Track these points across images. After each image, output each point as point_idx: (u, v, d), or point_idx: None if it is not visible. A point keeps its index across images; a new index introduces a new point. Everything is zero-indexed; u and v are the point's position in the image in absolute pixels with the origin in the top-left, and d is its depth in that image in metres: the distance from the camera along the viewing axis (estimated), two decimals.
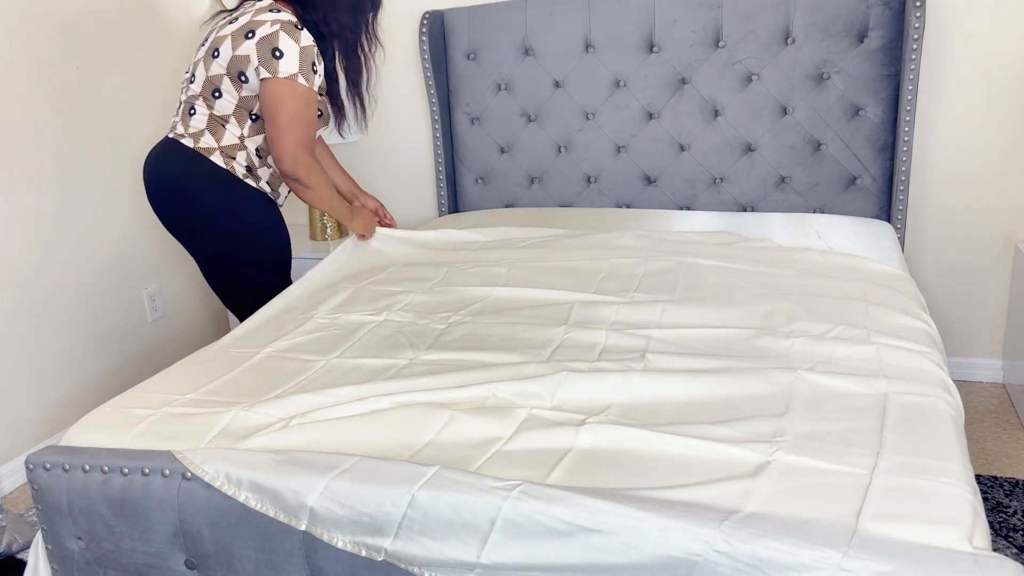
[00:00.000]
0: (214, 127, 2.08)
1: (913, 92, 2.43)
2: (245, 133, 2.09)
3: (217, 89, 2.06)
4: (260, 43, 1.98)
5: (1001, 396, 2.68)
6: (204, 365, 1.69)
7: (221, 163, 2.08)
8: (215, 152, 2.07)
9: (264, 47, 1.98)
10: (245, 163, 2.10)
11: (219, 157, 2.08)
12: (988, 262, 2.69)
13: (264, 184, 2.17)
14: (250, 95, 2.06)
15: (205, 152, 2.07)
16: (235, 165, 2.09)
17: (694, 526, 1.07)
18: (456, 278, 2.15)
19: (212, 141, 2.07)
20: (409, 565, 1.18)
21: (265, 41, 1.98)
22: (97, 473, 1.34)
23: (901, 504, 1.12)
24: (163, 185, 2.12)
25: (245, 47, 2.00)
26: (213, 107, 2.07)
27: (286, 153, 2.02)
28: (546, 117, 2.85)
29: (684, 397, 1.45)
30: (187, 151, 2.08)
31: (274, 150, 2.04)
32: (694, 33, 2.63)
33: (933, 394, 1.42)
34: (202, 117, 2.08)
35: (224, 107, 2.07)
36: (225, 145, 2.08)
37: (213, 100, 2.06)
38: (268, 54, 1.97)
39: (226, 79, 2.04)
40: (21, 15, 2.42)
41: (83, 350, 2.69)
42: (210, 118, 2.08)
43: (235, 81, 2.03)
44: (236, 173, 2.09)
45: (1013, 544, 1.94)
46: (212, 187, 2.08)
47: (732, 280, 2.02)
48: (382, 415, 1.42)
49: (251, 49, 1.99)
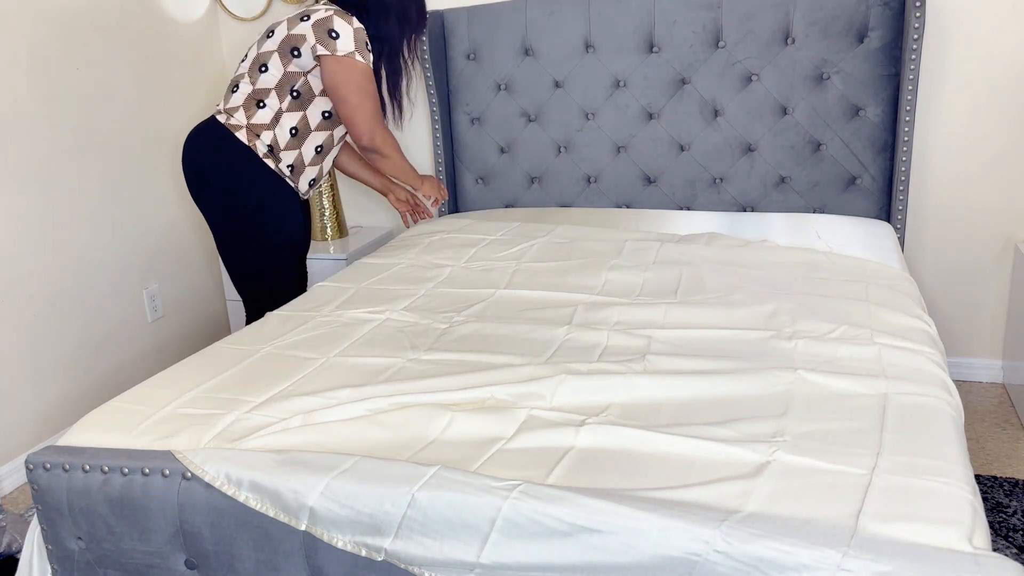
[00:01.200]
0: (249, 104, 2.20)
1: (913, 92, 2.43)
2: (284, 108, 2.20)
3: (264, 65, 2.18)
4: (316, 24, 2.13)
5: (1001, 396, 2.68)
6: (204, 365, 1.69)
7: (244, 140, 2.19)
8: (241, 130, 2.19)
9: (320, 28, 2.13)
10: (269, 143, 2.20)
11: (244, 134, 2.19)
12: (988, 262, 2.69)
13: (284, 167, 2.24)
14: (296, 71, 2.18)
15: (233, 128, 2.20)
16: (258, 144, 2.19)
17: (694, 526, 1.07)
18: (461, 277, 2.16)
19: (243, 119, 2.19)
20: (409, 565, 1.18)
21: (321, 23, 2.13)
22: (97, 473, 1.35)
23: (901, 504, 1.12)
24: (191, 158, 2.26)
25: (300, 27, 2.15)
26: (256, 82, 2.19)
27: (363, 129, 2.20)
28: (546, 117, 2.85)
29: (684, 397, 1.45)
30: (219, 127, 2.21)
31: (352, 128, 2.21)
32: (694, 33, 2.63)
33: (933, 394, 1.42)
34: (242, 94, 2.21)
35: (267, 81, 2.18)
36: (254, 123, 2.19)
37: (258, 75, 2.19)
38: (324, 34, 2.13)
39: (275, 55, 2.17)
40: (21, 15, 2.42)
41: (83, 350, 2.69)
42: (250, 94, 2.20)
43: (285, 56, 2.16)
44: (257, 151, 2.20)
45: (1013, 544, 1.94)
46: (232, 162, 2.20)
47: (734, 281, 2.02)
48: (382, 415, 1.42)
49: (307, 29, 2.14)
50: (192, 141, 2.26)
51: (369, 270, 2.27)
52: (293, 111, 2.20)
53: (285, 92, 2.19)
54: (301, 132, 2.23)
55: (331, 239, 3.07)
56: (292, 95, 2.19)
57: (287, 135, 2.21)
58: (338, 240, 3.07)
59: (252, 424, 1.42)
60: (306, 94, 2.20)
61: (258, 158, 2.20)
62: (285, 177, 2.25)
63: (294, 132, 2.22)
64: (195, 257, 3.18)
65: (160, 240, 2.99)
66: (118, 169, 2.79)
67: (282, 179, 2.25)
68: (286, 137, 2.22)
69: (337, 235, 3.08)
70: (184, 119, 3.07)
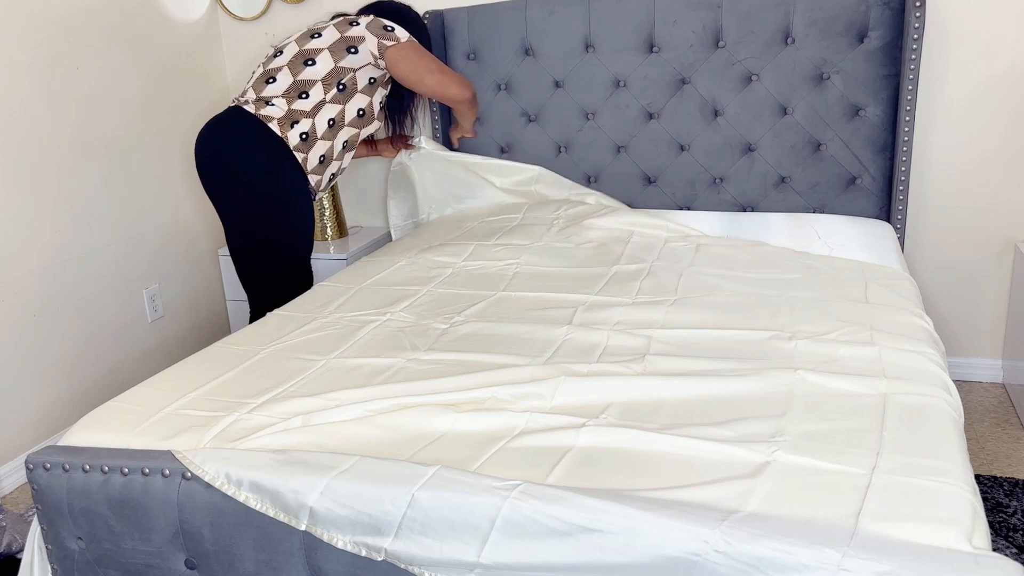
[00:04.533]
0: (291, 92, 2.27)
1: (913, 92, 2.43)
2: (327, 99, 2.29)
3: (311, 59, 2.28)
4: (370, 25, 2.32)
5: (1001, 396, 2.68)
6: (204, 365, 1.69)
7: (277, 130, 2.24)
8: (274, 121, 2.24)
9: (374, 26, 2.32)
10: (306, 131, 2.26)
11: (276, 125, 2.24)
12: (988, 262, 2.69)
13: (314, 156, 2.29)
14: (347, 67, 2.30)
15: (264, 119, 2.24)
16: (290, 134, 2.24)
17: (694, 526, 1.07)
18: (461, 277, 2.15)
19: (282, 106, 2.25)
20: (409, 565, 1.18)
21: (373, 23, 2.33)
22: (97, 473, 1.35)
23: (901, 504, 1.12)
24: (212, 143, 2.28)
25: (354, 30, 2.32)
26: (299, 74, 2.28)
27: (454, 89, 2.41)
28: (546, 117, 2.85)
29: (684, 397, 1.45)
30: (247, 116, 2.25)
31: (446, 92, 2.40)
32: (694, 33, 2.63)
33: (933, 394, 1.42)
34: (283, 83, 2.28)
35: (314, 73, 2.28)
36: (295, 108, 2.26)
37: (302, 68, 2.28)
38: (381, 30, 2.32)
39: (325, 52, 2.29)
40: (21, 15, 2.42)
41: (83, 350, 2.69)
42: (292, 85, 2.27)
43: (338, 52, 2.29)
44: (288, 143, 2.24)
45: (1013, 544, 1.94)
46: (260, 152, 2.23)
47: (735, 282, 2.02)
48: (382, 416, 1.42)
49: (362, 31, 2.31)
50: (213, 130, 2.28)
51: (369, 270, 2.27)
52: (335, 103, 2.30)
53: (331, 84, 2.29)
54: (336, 124, 2.31)
55: (331, 239, 3.07)
56: (338, 87, 2.30)
57: (325, 125, 2.29)
58: (338, 240, 3.07)
59: (252, 424, 1.42)
60: (351, 88, 2.31)
61: (289, 149, 2.25)
62: (307, 173, 2.30)
63: (331, 123, 2.30)
64: (195, 257, 3.18)
65: (160, 240, 2.99)
66: (118, 169, 2.79)
67: (305, 175, 2.30)
68: (324, 127, 2.29)
69: (337, 235, 3.08)
70: (184, 119, 3.07)
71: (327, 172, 2.36)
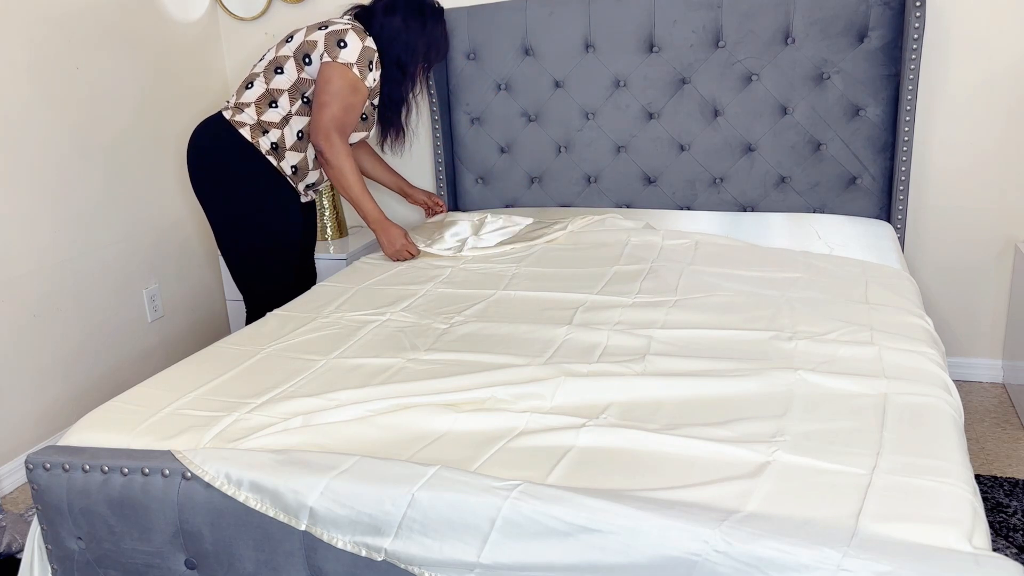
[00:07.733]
0: (262, 101, 2.26)
1: (913, 92, 2.43)
2: (293, 111, 2.27)
3: (280, 67, 2.27)
4: (329, 34, 2.24)
5: (1001, 396, 2.68)
6: (204, 365, 1.69)
7: (248, 136, 2.24)
8: (246, 127, 2.25)
9: (332, 37, 2.24)
10: (275, 141, 2.25)
11: (248, 131, 2.25)
12: (988, 262, 2.69)
13: (286, 166, 2.28)
14: (307, 78, 2.27)
15: (237, 125, 2.25)
16: (261, 141, 2.24)
17: (694, 526, 1.07)
18: (461, 278, 2.15)
19: (252, 114, 2.26)
20: (409, 565, 1.18)
21: (334, 33, 2.24)
22: (97, 473, 1.34)
23: (901, 504, 1.12)
24: (195, 151, 2.31)
25: (315, 35, 2.26)
26: (270, 82, 2.27)
27: (320, 126, 2.23)
28: (546, 117, 2.85)
29: (684, 397, 1.45)
30: (223, 122, 2.27)
31: (311, 123, 2.25)
32: (694, 33, 2.63)
33: (933, 394, 1.42)
34: (257, 91, 2.28)
35: (281, 83, 2.26)
36: (264, 119, 2.25)
37: (273, 75, 2.27)
38: (334, 43, 2.23)
39: (291, 60, 2.26)
40: (21, 15, 2.42)
41: (83, 350, 2.69)
42: (263, 94, 2.27)
43: (298, 63, 2.25)
44: (260, 148, 2.24)
45: (1013, 544, 1.94)
46: (233, 157, 2.26)
47: (735, 282, 2.02)
48: (382, 416, 1.42)
49: (320, 37, 2.25)
50: (197, 135, 2.32)
51: (369, 270, 2.28)
52: (302, 115, 2.28)
53: (296, 96, 2.27)
54: (307, 137, 2.30)
55: (331, 239, 3.06)
56: (303, 100, 2.28)
57: (294, 137, 2.28)
58: (338, 240, 3.07)
59: (252, 424, 1.42)
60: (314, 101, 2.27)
61: (261, 155, 2.25)
62: (286, 177, 2.29)
63: (300, 136, 2.29)
64: (195, 257, 3.18)
65: (160, 240, 2.99)
66: (118, 169, 2.79)
67: (283, 177, 2.29)
68: (293, 139, 2.28)
69: (337, 235, 3.08)
70: (184, 119, 3.07)
71: (301, 184, 2.36)
